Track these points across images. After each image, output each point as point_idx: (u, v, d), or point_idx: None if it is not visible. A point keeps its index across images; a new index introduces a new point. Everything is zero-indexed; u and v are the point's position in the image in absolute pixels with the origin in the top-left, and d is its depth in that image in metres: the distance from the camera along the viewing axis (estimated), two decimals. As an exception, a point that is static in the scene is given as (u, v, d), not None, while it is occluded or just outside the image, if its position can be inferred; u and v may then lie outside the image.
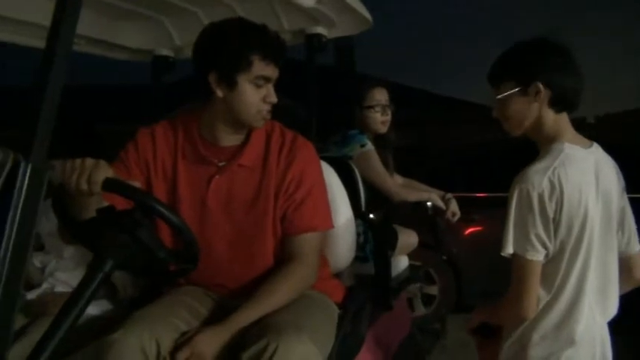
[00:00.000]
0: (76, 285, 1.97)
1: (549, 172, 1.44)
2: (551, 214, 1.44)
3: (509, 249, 1.46)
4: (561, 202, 1.44)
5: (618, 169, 1.62)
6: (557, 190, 1.43)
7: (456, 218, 2.62)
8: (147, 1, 2.14)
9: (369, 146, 2.55)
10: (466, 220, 3.69)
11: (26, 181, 0.93)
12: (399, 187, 2.64)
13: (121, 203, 1.38)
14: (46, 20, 2.01)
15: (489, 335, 1.63)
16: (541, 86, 1.48)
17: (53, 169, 1.34)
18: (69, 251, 2.07)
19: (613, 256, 1.57)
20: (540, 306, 1.49)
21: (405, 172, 2.91)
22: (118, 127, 2.79)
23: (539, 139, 1.55)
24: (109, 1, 2.06)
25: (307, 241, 1.68)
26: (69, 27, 1.06)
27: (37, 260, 2.06)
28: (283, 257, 1.69)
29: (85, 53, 2.36)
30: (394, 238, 2.48)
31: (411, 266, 2.72)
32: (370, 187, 2.51)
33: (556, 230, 1.45)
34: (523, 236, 1.45)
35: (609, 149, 1.61)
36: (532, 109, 1.51)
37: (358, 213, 2.27)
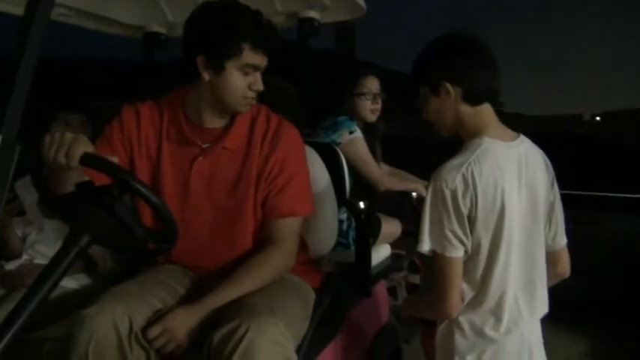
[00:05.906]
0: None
1: (463, 169, 1.43)
2: (465, 211, 1.42)
3: (425, 246, 1.45)
4: (475, 199, 1.42)
5: (548, 162, 1.60)
6: (470, 186, 1.42)
7: None
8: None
9: (358, 133, 2.53)
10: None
11: None
12: (385, 175, 2.63)
13: (104, 179, 1.38)
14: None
15: (432, 324, 1.61)
16: (449, 86, 1.49)
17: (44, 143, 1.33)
18: (50, 224, 2.07)
19: (540, 250, 1.55)
20: (466, 301, 1.49)
21: (394, 161, 2.90)
22: (110, 102, 2.77)
23: (463, 135, 1.54)
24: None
25: (286, 226, 1.69)
26: None
27: (18, 230, 2.06)
28: (262, 241, 1.69)
29: (75, 26, 2.35)
30: (377, 226, 2.50)
31: (395, 255, 2.73)
32: (356, 174, 2.51)
33: (472, 227, 1.44)
34: (439, 233, 1.44)
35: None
36: (448, 108, 1.51)
37: (342, 200, 2.28)
